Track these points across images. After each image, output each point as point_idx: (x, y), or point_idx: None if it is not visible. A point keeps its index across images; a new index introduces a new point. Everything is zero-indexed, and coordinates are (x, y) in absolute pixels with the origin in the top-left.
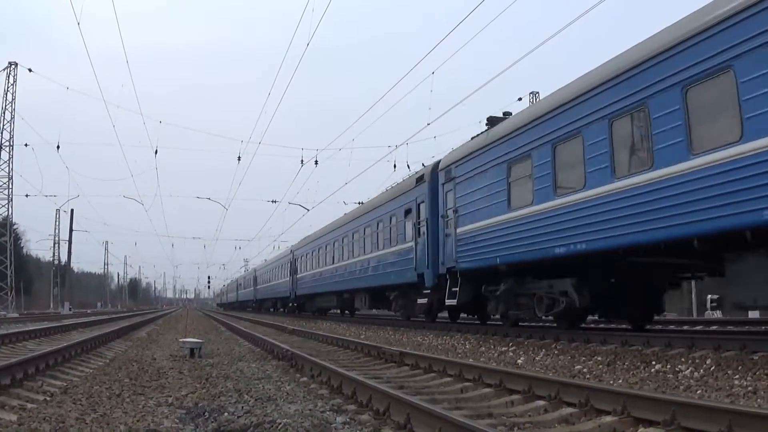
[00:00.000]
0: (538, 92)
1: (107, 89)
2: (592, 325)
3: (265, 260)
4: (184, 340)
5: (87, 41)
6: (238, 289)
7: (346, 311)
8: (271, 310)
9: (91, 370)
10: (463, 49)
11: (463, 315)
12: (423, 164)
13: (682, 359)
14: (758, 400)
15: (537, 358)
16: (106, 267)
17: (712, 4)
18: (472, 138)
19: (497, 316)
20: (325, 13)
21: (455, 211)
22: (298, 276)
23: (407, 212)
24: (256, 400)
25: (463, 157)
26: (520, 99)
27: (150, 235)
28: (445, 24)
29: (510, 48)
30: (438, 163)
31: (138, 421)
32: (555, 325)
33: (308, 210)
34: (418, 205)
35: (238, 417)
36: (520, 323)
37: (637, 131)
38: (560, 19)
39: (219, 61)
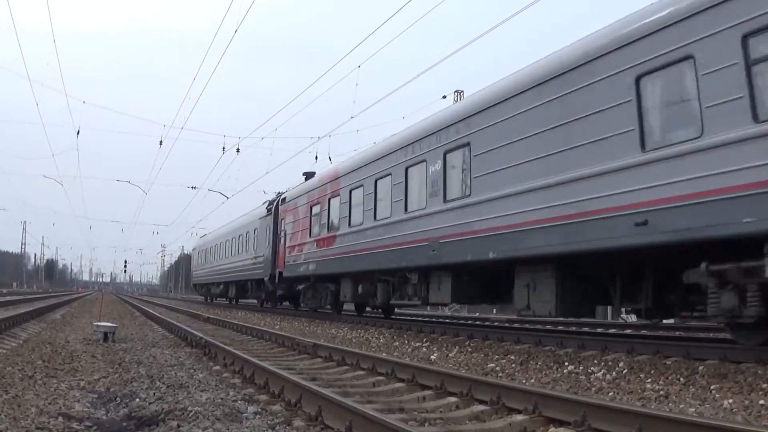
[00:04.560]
0: (462, 91)
1: (33, 67)
2: (506, 324)
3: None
4: (98, 323)
5: (15, 17)
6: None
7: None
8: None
9: (3, 351)
10: (390, 44)
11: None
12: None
13: (595, 361)
14: (669, 404)
15: (450, 355)
16: (23, 247)
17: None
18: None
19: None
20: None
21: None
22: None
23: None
24: (168, 387)
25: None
26: (444, 97)
27: (68, 217)
28: (374, 18)
29: (436, 45)
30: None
31: (50, 404)
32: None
33: (228, 198)
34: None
35: (150, 403)
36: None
37: None
38: (485, 21)
39: (146, 43)
